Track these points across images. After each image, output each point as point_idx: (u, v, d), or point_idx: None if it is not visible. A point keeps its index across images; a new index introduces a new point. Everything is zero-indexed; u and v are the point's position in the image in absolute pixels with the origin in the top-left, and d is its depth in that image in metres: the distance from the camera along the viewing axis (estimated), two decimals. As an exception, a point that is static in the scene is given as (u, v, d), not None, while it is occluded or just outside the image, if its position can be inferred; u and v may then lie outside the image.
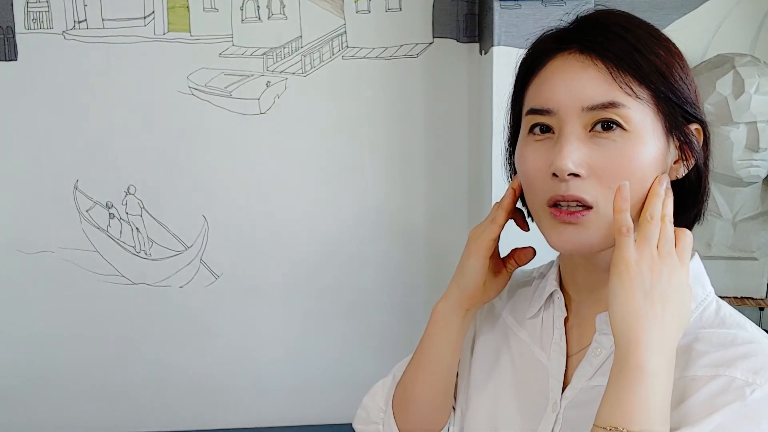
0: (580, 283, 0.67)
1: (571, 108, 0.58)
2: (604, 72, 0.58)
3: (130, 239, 1.55)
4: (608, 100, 0.57)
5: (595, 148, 0.58)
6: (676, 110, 0.59)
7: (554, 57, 0.61)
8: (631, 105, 0.57)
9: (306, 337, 1.59)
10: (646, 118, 0.58)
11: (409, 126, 1.51)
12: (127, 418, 1.61)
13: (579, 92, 0.58)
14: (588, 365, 0.63)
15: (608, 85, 0.57)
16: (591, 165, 0.57)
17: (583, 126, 0.58)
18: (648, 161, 0.58)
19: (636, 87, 0.57)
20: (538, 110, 0.61)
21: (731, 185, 1.29)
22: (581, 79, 0.58)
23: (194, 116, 1.49)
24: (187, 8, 1.46)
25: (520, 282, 0.79)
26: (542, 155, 0.60)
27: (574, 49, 0.60)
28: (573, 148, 0.57)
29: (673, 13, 1.39)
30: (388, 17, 1.47)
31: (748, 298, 1.33)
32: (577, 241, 0.59)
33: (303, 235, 1.54)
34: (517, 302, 0.76)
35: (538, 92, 0.61)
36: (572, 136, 0.58)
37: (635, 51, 0.58)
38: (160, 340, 1.58)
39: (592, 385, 0.62)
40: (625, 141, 0.57)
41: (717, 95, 1.24)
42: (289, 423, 1.61)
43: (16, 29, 1.46)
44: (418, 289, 1.57)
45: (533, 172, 0.61)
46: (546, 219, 0.61)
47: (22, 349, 1.58)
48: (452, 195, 1.54)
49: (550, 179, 0.59)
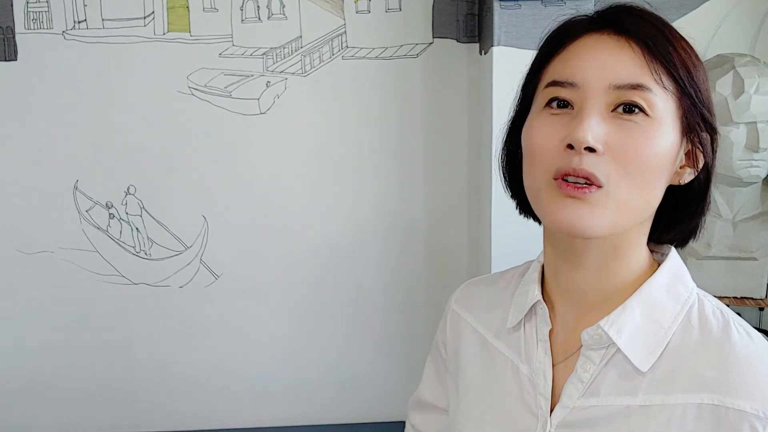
0: (565, 287, 0.65)
1: (598, 84, 0.57)
2: (639, 54, 0.57)
3: (130, 239, 1.55)
4: (637, 82, 0.56)
5: (616, 128, 0.56)
6: (695, 110, 0.59)
7: (586, 35, 0.60)
8: (657, 91, 0.56)
9: (306, 337, 1.59)
10: (668, 109, 0.57)
11: (409, 126, 1.51)
12: (127, 418, 1.61)
13: (609, 69, 0.57)
14: (578, 381, 0.61)
15: (640, 68, 0.57)
16: (609, 143, 0.56)
17: (606, 104, 0.57)
18: (665, 151, 0.57)
19: (665, 77, 0.57)
20: (562, 82, 0.59)
21: (731, 185, 1.29)
22: (613, 58, 0.57)
23: (194, 116, 1.49)
24: (187, 8, 1.46)
25: (486, 286, 0.76)
26: (557, 129, 0.58)
27: (609, 30, 0.59)
28: (594, 122, 0.56)
29: (673, 13, 1.39)
30: (388, 17, 1.47)
31: (747, 298, 1.33)
32: (578, 218, 0.56)
33: (303, 235, 1.54)
34: (490, 311, 0.73)
35: (564, 65, 0.60)
36: (594, 111, 0.56)
37: (667, 41, 0.58)
38: (160, 340, 1.58)
39: (585, 406, 0.60)
40: (647, 125, 0.56)
41: (717, 95, 1.23)
42: (288, 423, 1.61)
43: (16, 29, 1.46)
44: (417, 289, 1.57)
45: (543, 143, 0.59)
46: (548, 193, 0.58)
47: (22, 349, 1.58)
48: (452, 195, 1.54)
49: (562, 151, 0.57)
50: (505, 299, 0.71)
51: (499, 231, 1.31)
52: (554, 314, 0.66)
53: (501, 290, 0.73)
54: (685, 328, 0.59)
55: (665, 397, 0.57)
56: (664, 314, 0.60)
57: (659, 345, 0.59)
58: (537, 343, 0.65)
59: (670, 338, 0.59)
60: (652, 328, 0.59)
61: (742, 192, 1.31)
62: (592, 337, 0.60)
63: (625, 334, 0.59)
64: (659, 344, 0.59)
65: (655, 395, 0.57)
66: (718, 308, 0.61)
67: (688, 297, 0.61)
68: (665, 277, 0.62)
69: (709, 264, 1.32)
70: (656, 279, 0.61)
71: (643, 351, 0.58)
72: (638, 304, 0.60)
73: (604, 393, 0.59)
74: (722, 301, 0.64)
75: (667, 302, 0.60)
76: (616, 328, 0.59)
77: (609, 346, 0.60)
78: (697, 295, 0.62)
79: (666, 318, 0.60)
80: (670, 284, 0.62)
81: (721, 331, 0.58)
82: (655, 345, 0.59)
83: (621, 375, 0.59)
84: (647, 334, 0.59)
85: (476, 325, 0.73)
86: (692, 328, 0.59)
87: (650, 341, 0.59)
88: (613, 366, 0.60)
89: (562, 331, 0.65)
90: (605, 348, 0.60)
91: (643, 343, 0.59)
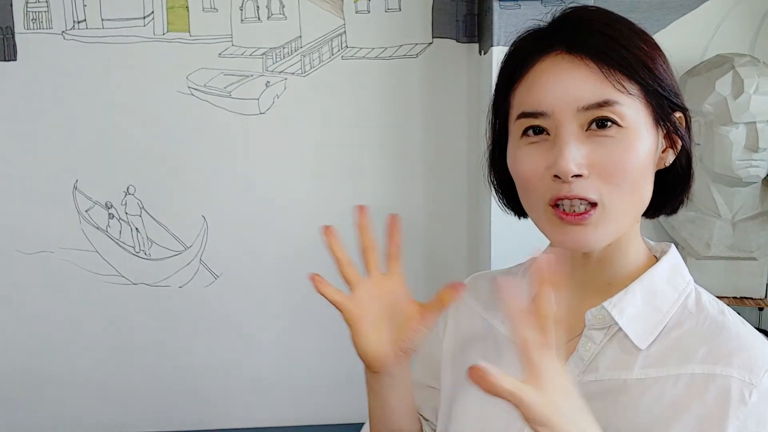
0: (571, 278, 0.67)
1: (566, 109, 0.58)
2: (595, 71, 0.58)
3: (130, 239, 1.55)
4: (602, 99, 0.57)
5: (594, 146, 0.58)
6: (663, 101, 0.60)
7: (540, 58, 0.61)
8: (623, 101, 0.58)
9: (305, 337, 1.59)
10: (638, 113, 0.59)
11: (409, 126, 1.51)
12: (127, 418, 1.61)
13: (572, 93, 0.58)
14: (579, 359, 0.64)
15: (600, 84, 0.58)
16: (591, 163, 0.58)
17: (579, 126, 0.58)
18: (645, 154, 0.59)
19: (626, 83, 0.58)
20: (532, 113, 0.60)
21: (731, 185, 1.29)
22: (573, 80, 0.58)
23: (194, 116, 1.49)
24: (186, 8, 1.46)
25: (492, 277, 0.78)
26: (539, 157, 0.60)
27: (561, 50, 0.60)
28: (573, 149, 0.57)
29: (673, 13, 1.39)
30: (388, 17, 1.47)
31: (747, 298, 1.33)
32: (583, 240, 0.60)
33: (302, 235, 1.54)
34: (496, 300, 0.75)
35: (528, 95, 0.61)
36: (570, 137, 0.58)
37: (621, 47, 0.58)
38: (160, 340, 1.58)
39: (585, 381, 0.63)
40: (623, 137, 0.58)
41: (716, 95, 1.24)
42: (288, 423, 1.61)
43: (16, 29, 1.46)
44: (417, 289, 1.56)
45: (531, 174, 0.61)
46: (549, 219, 0.61)
47: (22, 349, 1.58)
48: (452, 195, 1.54)
49: (551, 180, 0.59)
50: None
51: (499, 231, 1.31)
52: (558, 300, 0.68)
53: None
54: (683, 313, 0.63)
55: (659, 369, 0.60)
56: (664, 301, 0.63)
57: (657, 326, 0.62)
58: None
59: (667, 321, 0.62)
60: (652, 311, 0.62)
61: (741, 192, 1.31)
62: (595, 317, 0.63)
63: (626, 315, 0.62)
64: (657, 326, 0.62)
65: (650, 369, 0.60)
66: (714, 299, 0.65)
67: (686, 287, 0.65)
68: (665, 269, 0.65)
69: (709, 264, 1.32)
70: (657, 270, 0.64)
71: (643, 331, 0.62)
72: (640, 291, 0.63)
73: (602, 368, 0.62)
74: (722, 301, 0.66)
75: (666, 290, 0.64)
76: (618, 309, 0.62)
77: (610, 327, 0.63)
78: (694, 287, 0.66)
79: (665, 304, 0.63)
80: (669, 276, 0.65)
81: (717, 315, 0.62)
82: (654, 326, 0.62)
83: (619, 352, 0.62)
84: (647, 316, 0.62)
85: (482, 313, 0.76)
86: (689, 312, 0.63)
87: (649, 323, 0.62)
88: (613, 345, 0.63)
89: (566, 315, 0.67)
90: (607, 328, 0.63)
91: (643, 324, 0.62)
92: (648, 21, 1.38)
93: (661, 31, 1.39)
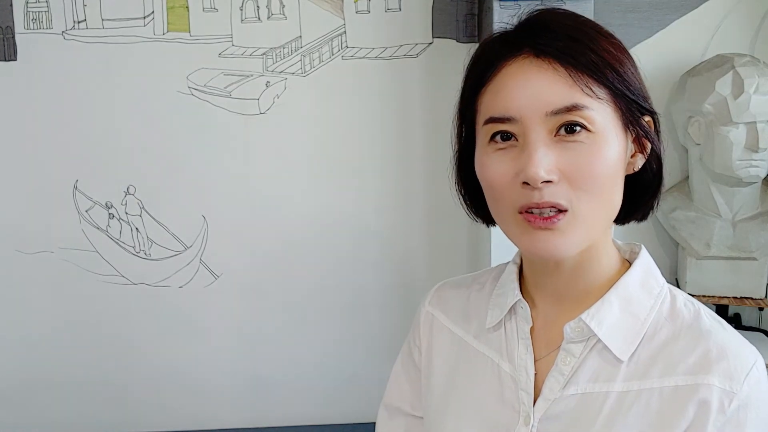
0: (545, 288, 0.66)
1: (535, 114, 0.57)
2: (564, 75, 0.57)
3: (130, 239, 1.55)
4: (571, 103, 0.56)
5: (563, 151, 0.57)
6: (632, 105, 0.59)
7: (507, 62, 0.60)
8: (592, 106, 0.57)
9: (305, 337, 1.59)
10: (607, 117, 0.58)
11: (409, 126, 1.51)
12: (127, 418, 1.61)
13: (540, 97, 0.57)
14: (558, 374, 0.63)
15: (569, 88, 0.57)
16: (561, 169, 0.57)
17: (548, 131, 0.57)
18: (614, 159, 0.58)
19: (595, 87, 0.57)
20: (499, 119, 0.59)
21: (731, 185, 1.29)
22: (541, 84, 0.57)
23: (194, 116, 1.49)
24: (186, 8, 1.46)
25: (460, 288, 0.77)
26: (507, 163, 0.59)
27: (528, 53, 0.59)
28: (542, 155, 0.56)
29: (673, 13, 1.39)
30: (388, 17, 1.47)
31: (747, 298, 1.33)
32: (553, 247, 0.58)
33: (302, 235, 1.54)
34: (466, 313, 0.74)
35: (496, 100, 0.60)
36: (539, 143, 0.57)
37: (588, 50, 0.57)
38: (160, 340, 1.58)
39: (566, 395, 0.62)
40: (592, 142, 0.57)
41: (716, 95, 1.24)
42: (288, 423, 1.61)
43: (16, 29, 1.46)
44: (416, 289, 1.57)
45: (500, 181, 0.60)
46: (517, 225, 0.60)
47: (22, 349, 1.58)
48: (452, 195, 1.54)
49: (519, 187, 0.58)
50: (482, 301, 0.73)
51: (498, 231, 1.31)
52: (535, 312, 0.68)
53: (476, 292, 0.75)
54: (659, 320, 0.62)
55: (641, 382, 0.60)
56: (640, 307, 0.62)
57: (637, 336, 0.61)
58: (518, 341, 0.67)
59: (646, 329, 0.62)
60: (630, 320, 0.62)
61: (741, 192, 1.31)
62: (574, 330, 0.62)
63: (605, 326, 0.61)
64: (637, 335, 0.61)
65: (632, 382, 0.60)
66: (689, 300, 0.64)
67: (660, 291, 0.64)
68: (638, 273, 0.64)
69: (709, 264, 1.32)
70: (630, 275, 0.64)
71: (622, 342, 0.61)
72: (616, 298, 0.62)
73: (583, 381, 0.62)
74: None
75: (642, 296, 0.63)
76: (596, 320, 0.61)
77: (589, 339, 0.62)
78: (668, 290, 0.65)
79: (642, 311, 0.62)
80: (643, 279, 0.64)
81: (693, 320, 0.62)
82: (634, 336, 0.61)
83: (600, 365, 0.62)
84: (626, 325, 0.62)
85: (452, 327, 0.75)
86: (666, 320, 0.62)
87: (629, 332, 0.61)
88: (593, 357, 0.62)
89: (543, 328, 0.67)
90: (586, 340, 0.62)
91: (623, 334, 0.61)
92: (648, 21, 1.38)
93: (661, 31, 1.39)
